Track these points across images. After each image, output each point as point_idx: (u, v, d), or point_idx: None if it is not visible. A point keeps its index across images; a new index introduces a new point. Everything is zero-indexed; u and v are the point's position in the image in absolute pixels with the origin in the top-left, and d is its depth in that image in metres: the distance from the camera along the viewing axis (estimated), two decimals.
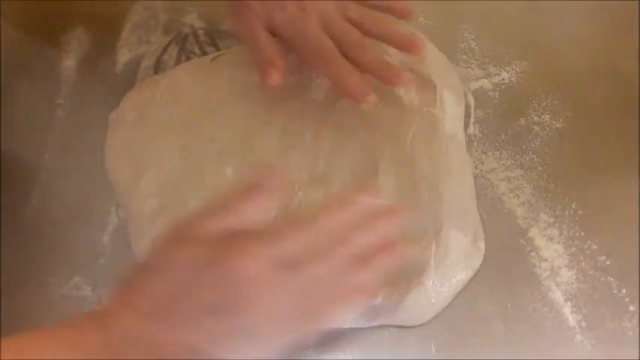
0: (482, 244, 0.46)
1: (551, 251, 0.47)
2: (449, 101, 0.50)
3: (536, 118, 0.52)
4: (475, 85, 0.54)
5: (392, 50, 0.49)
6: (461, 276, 0.44)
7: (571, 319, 0.44)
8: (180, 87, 0.51)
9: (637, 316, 0.44)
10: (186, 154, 0.48)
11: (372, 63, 0.45)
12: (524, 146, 0.51)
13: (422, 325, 0.44)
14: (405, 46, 0.47)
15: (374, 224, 0.36)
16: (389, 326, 0.44)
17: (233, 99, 0.50)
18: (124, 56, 0.57)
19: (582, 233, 0.47)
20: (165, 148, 0.48)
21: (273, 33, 0.46)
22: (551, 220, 0.48)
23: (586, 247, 0.47)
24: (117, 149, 0.49)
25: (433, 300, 0.44)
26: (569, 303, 0.45)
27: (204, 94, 0.50)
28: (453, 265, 0.44)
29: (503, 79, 0.54)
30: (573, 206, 0.48)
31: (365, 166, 0.47)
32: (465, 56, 0.55)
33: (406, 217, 0.41)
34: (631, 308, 0.44)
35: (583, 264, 0.46)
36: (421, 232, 0.45)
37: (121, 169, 0.48)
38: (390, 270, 0.36)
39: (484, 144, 0.51)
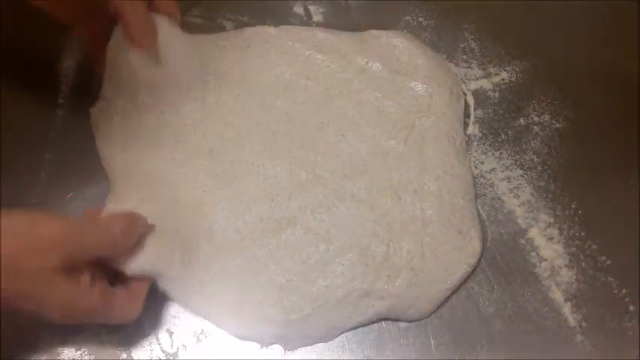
0: (477, 242, 0.46)
1: (551, 251, 0.47)
2: (447, 101, 0.50)
3: (536, 118, 0.52)
4: (475, 85, 0.54)
5: (397, 51, 0.51)
6: (456, 270, 0.45)
7: (571, 319, 0.44)
8: None
9: (637, 316, 0.44)
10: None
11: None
12: (524, 146, 0.51)
13: (422, 322, 0.44)
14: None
15: None
16: (388, 324, 0.44)
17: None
18: None
19: (582, 233, 0.47)
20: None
21: None
22: (551, 220, 0.48)
23: (586, 247, 0.47)
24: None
25: (429, 291, 0.44)
26: (569, 303, 0.45)
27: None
28: (446, 259, 0.45)
29: (503, 79, 0.54)
30: (573, 206, 0.48)
31: (357, 164, 0.48)
32: (465, 56, 0.55)
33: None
34: (631, 308, 0.44)
35: (583, 264, 0.46)
36: (412, 226, 0.45)
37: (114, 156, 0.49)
38: None
39: (484, 144, 0.51)
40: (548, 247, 0.47)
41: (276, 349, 0.44)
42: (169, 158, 0.48)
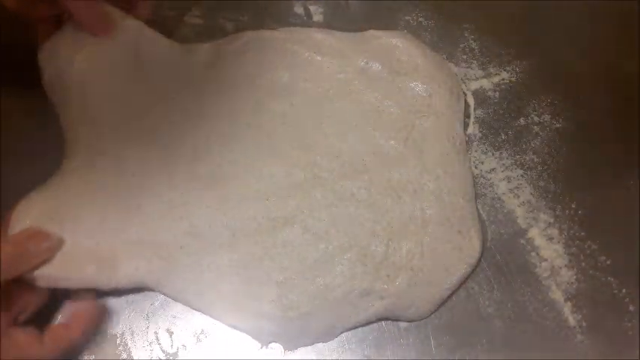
0: (477, 242, 0.46)
1: (551, 251, 0.47)
2: (447, 101, 0.50)
3: (536, 118, 0.52)
4: (475, 85, 0.54)
5: (397, 51, 0.51)
6: (456, 270, 0.45)
7: (571, 319, 0.44)
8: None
9: (637, 316, 0.44)
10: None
11: None
12: (524, 146, 0.51)
13: (422, 322, 0.44)
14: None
15: None
16: (388, 324, 0.44)
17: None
18: None
19: (582, 233, 0.47)
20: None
21: None
22: (551, 220, 0.48)
23: (586, 247, 0.47)
24: None
25: (429, 291, 0.44)
26: (569, 303, 0.45)
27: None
28: (446, 259, 0.45)
29: (503, 79, 0.54)
30: (573, 206, 0.48)
31: (357, 164, 0.48)
32: (465, 56, 0.55)
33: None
34: (631, 308, 0.44)
35: (583, 264, 0.46)
36: (412, 226, 0.45)
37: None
38: None
39: (484, 144, 0.51)
40: (548, 247, 0.47)
41: (276, 349, 0.44)
42: (136, 157, 0.47)
